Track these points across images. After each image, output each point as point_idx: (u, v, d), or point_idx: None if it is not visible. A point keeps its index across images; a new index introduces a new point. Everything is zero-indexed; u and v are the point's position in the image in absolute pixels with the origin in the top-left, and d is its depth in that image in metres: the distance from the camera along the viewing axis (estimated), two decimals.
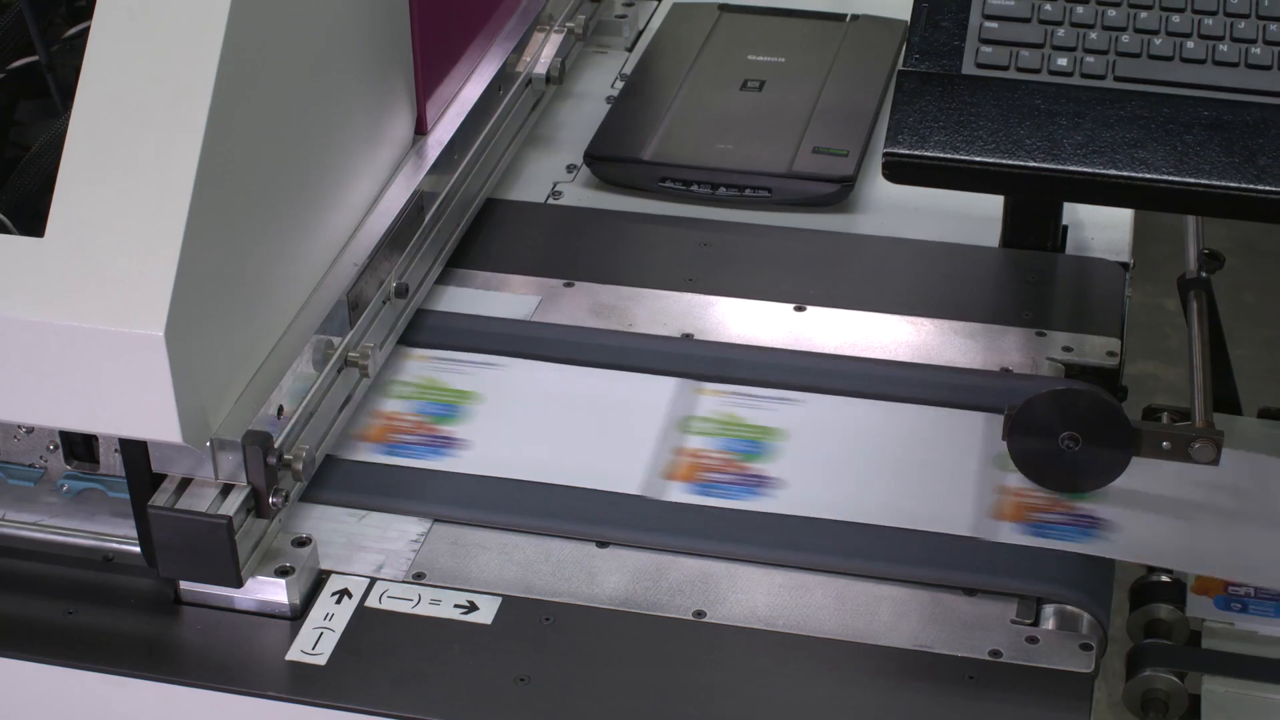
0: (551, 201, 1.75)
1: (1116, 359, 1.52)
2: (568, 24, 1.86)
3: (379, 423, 1.47)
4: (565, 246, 1.68)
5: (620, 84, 1.91)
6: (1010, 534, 1.34)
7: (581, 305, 1.60)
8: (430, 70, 1.59)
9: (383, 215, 1.50)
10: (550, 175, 1.79)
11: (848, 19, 1.96)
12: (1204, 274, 1.51)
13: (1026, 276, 1.62)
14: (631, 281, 1.63)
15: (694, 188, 1.73)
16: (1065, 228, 1.65)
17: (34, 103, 1.53)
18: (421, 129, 1.60)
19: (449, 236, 1.62)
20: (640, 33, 2.01)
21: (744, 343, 1.55)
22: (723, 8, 2.00)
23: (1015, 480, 1.39)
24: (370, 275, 1.45)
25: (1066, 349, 1.53)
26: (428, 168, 1.56)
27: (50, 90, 1.44)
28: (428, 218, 1.56)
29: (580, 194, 1.76)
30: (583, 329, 1.57)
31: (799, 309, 1.58)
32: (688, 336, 1.56)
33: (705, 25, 1.97)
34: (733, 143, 1.76)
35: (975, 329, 1.56)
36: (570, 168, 1.79)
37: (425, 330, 1.56)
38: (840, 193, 1.71)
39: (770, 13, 1.99)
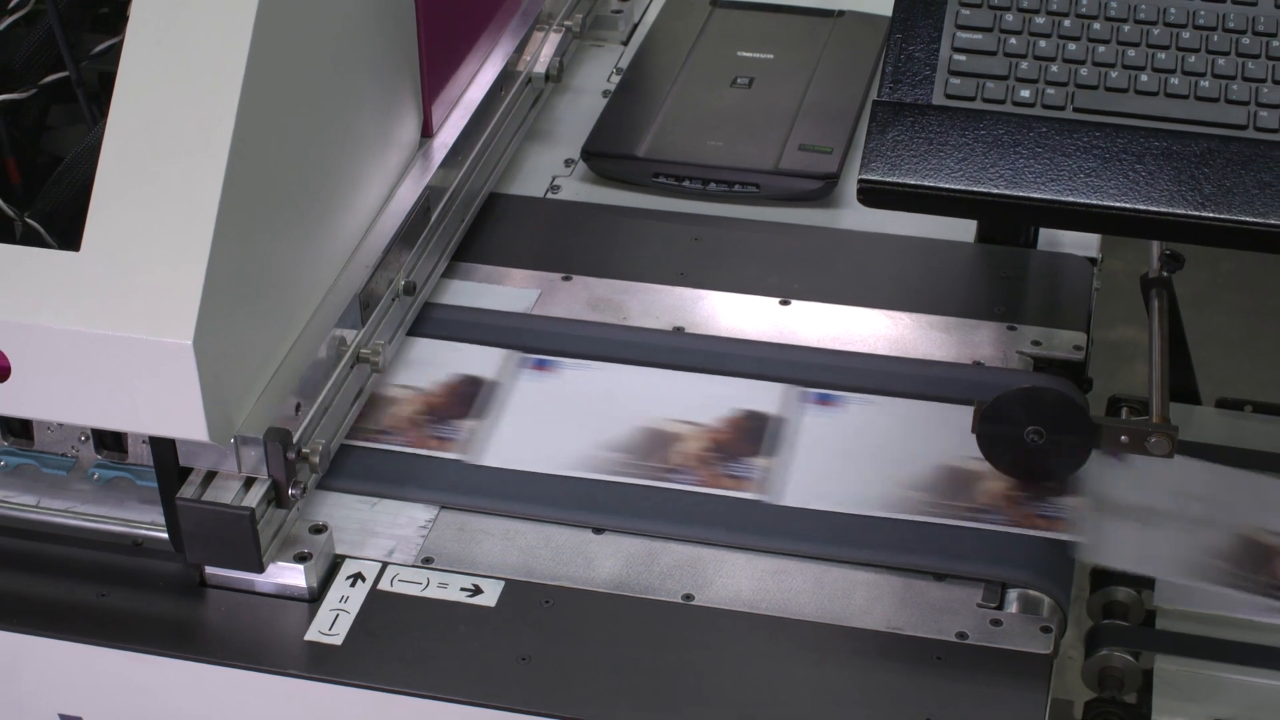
0: (550, 196, 1.83)
1: (1083, 353, 1.60)
2: (565, 22, 1.93)
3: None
4: (563, 241, 1.76)
5: (616, 78, 1.99)
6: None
7: (579, 298, 1.68)
8: (435, 74, 1.67)
9: (392, 216, 1.58)
10: (549, 169, 1.86)
11: (835, 15, 2.04)
12: (1165, 273, 1.59)
13: (999, 272, 1.69)
14: (626, 275, 1.70)
15: (686, 183, 1.81)
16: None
17: (63, 107, 1.61)
18: (427, 132, 1.67)
19: (454, 233, 1.70)
20: (635, 26, 2.08)
21: (732, 336, 1.63)
22: (714, 2, 2.07)
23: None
24: (380, 274, 1.53)
25: (1036, 343, 1.61)
26: (434, 170, 1.64)
27: (80, 103, 1.52)
28: (434, 217, 1.64)
29: (578, 188, 1.84)
30: (580, 322, 1.64)
31: (784, 303, 1.67)
32: (678, 329, 1.64)
33: (698, 20, 2.04)
34: (723, 140, 1.84)
35: (950, 323, 1.64)
36: (568, 162, 1.87)
37: (431, 323, 1.64)
38: (824, 189, 1.79)
39: (760, 8, 2.06)
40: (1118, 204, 1.30)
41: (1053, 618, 1.37)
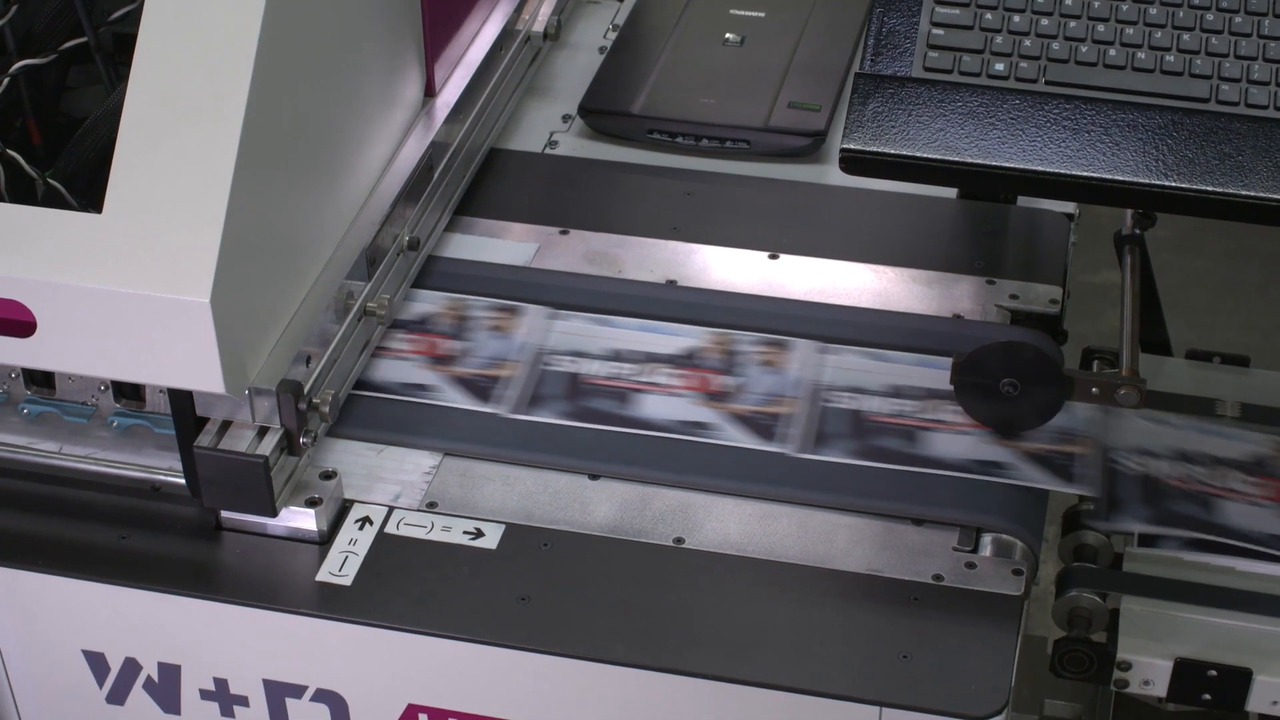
0: (548, 151, 1.89)
1: (1058, 306, 1.66)
2: None
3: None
4: (561, 195, 1.81)
5: (613, 34, 2.04)
6: None
7: (576, 251, 1.74)
8: (437, 35, 1.72)
9: (397, 174, 1.63)
10: (547, 125, 1.92)
11: None
12: (1138, 230, 1.65)
13: (980, 227, 1.75)
14: (621, 229, 1.76)
15: (679, 139, 1.87)
16: None
17: (81, 68, 1.66)
18: (430, 91, 1.73)
19: (456, 189, 1.75)
20: None
21: (722, 289, 1.69)
22: None
23: None
24: (386, 230, 1.59)
25: (1014, 296, 1.67)
26: (437, 128, 1.70)
27: (99, 67, 1.57)
28: (437, 174, 1.70)
29: (575, 144, 1.89)
30: (577, 275, 1.70)
31: (773, 257, 1.73)
32: (671, 283, 1.70)
33: None
34: (715, 97, 1.90)
35: (932, 277, 1.70)
36: (565, 118, 1.93)
37: (434, 276, 1.69)
38: (813, 145, 1.85)
39: None
40: (1086, 173, 1.36)
41: (1024, 561, 1.43)
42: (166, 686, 1.47)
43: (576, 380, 1.59)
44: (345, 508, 1.48)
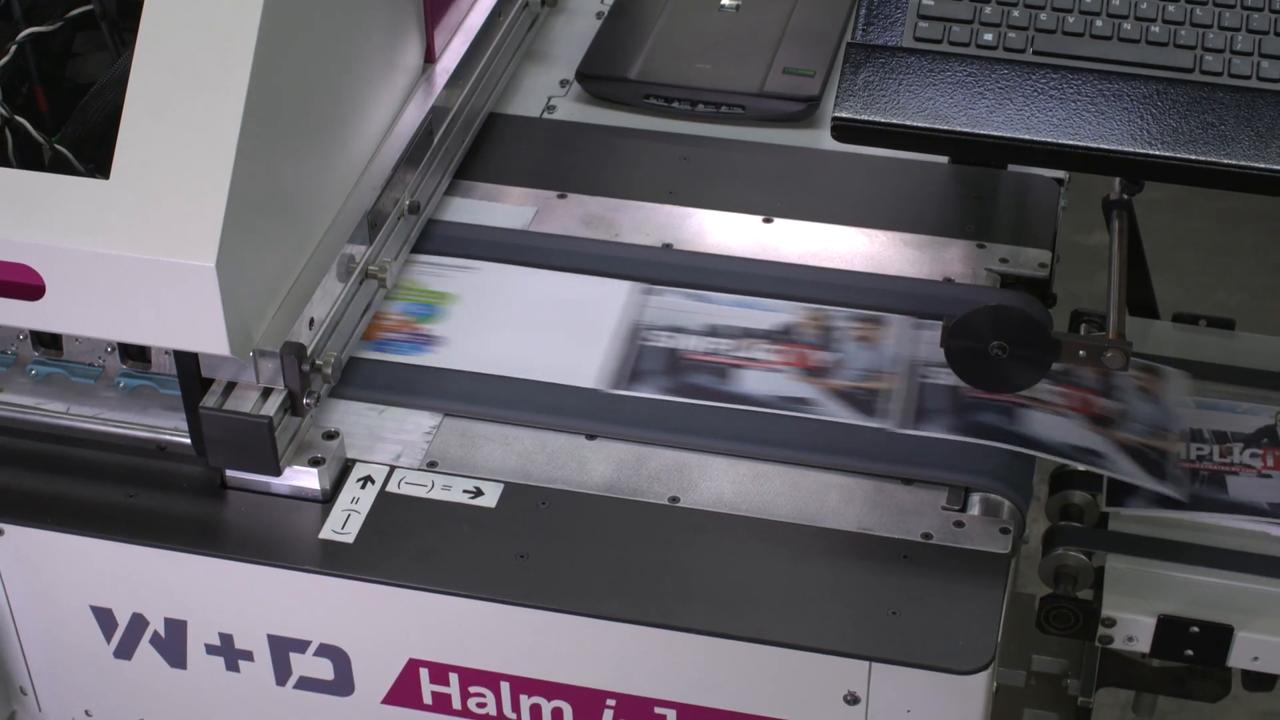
0: (546, 116, 1.91)
1: (1047, 270, 1.69)
2: None
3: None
4: (558, 160, 1.84)
5: (609, 0, 2.07)
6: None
7: (573, 215, 1.76)
8: (437, 2, 1.74)
9: (398, 139, 1.66)
10: (545, 90, 1.94)
11: None
12: (1125, 195, 1.68)
13: (971, 192, 1.78)
14: (618, 193, 1.78)
15: (675, 104, 1.90)
16: None
17: (86, 34, 1.69)
18: (430, 57, 1.76)
19: (455, 154, 1.78)
20: None
21: (717, 252, 1.72)
22: None
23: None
24: (387, 195, 1.61)
25: (1004, 260, 1.70)
26: (437, 93, 1.72)
27: (104, 34, 1.60)
28: (436, 139, 1.72)
29: (572, 108, 1.92)
30: (574, 239, 1.73)
31: (767, 221, 1.76)
32: (667, 246, 1.73)
33: None
34: (711, 63, 1.93)
35: (923, 241, 1.73)
36: (563, 82, 1.95)
37: (433, 239, 1.72)
38: (807, 110, 1.88)
39: None
40: (1072, 142, 1.39)
41: (1011, 520, 1.46)
42: (173, 641, 1.50)
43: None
44: (347, 467, 1.50)
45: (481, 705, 1.47)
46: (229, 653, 1.49)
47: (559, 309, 1.65)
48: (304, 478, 1.48)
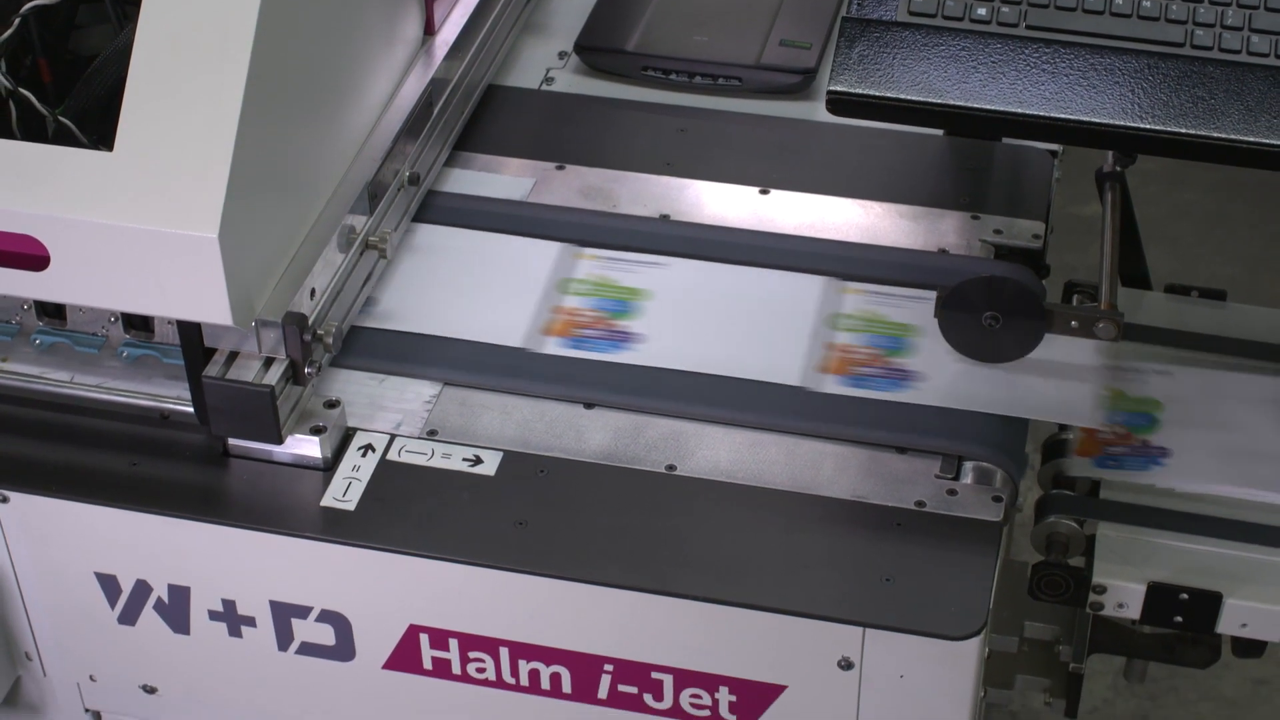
0: (545, 88, 1.92)
1: (1041, 241, 1.71)
2: None
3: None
4: (557, 131, 1.85)
5: None
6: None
7: (571, 186, 1.78)
8: None
9: (398, 111, 1.67)
10: (543, 62, 1.95)
11: None
12: (1118, 168, 1.69)
13: (965, 164, 1.79)
14: (616, 165, 1.80)
15: (672, 76, 1.91)
16: None
17: (89, 7, 1.70)
18: (430, 30, 1.77)
19: (455, 125, 1.79)
20: None
21: (714, 223, 1.73)
22: None
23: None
24: (387, 166, 1.62)
25: (998, 231, 1.71)
26: (436, 65, 1.74)
27: (107, 7, 1.61)
28: (436, 110, 1.74)
29: (570, 80, 1.93)
30: (572, 210, 1.74)
31: (764, 192, 1.77)
32: (665, 217, 1.75)
33: None
34: (708, 35, 1.94)
35: (918, 212, 1.74)
36: (561, 54, 1.96)
37: (434, 210, 1.74)
38: (803, 82, 1.89)
39: None
40: (1064, 115, 1.40)
41: (1004, 488, 1.48)
42: (176, 608, 1.52)
43: None
44: (348, 435, 1.52)
45: (481, 670, 1.49)
46: (231, 618, 1.51)
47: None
48: (305, 446, 1.49)
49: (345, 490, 1.47)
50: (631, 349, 1.59)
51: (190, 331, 1.47)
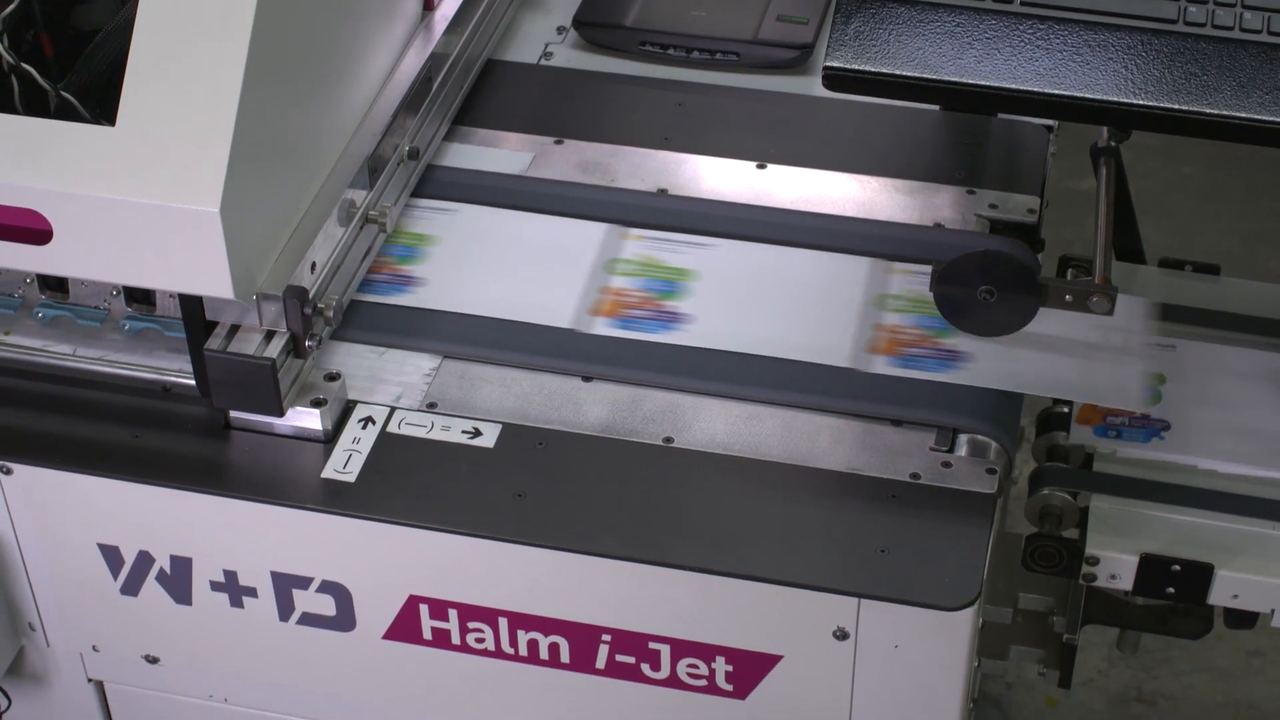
0: (543, 63, 1.93)
1: (1036, 216, 1.72)
2: None
3: None
4: (555, 106, 1.86)
5: None
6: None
7: (570, 161, 1.78)
8: None
9: (397, 86, 1.68)
10: (542, 36, 1.96)
11: None
12: (1113, 143, 1.70)
13: (961, 138, 1.80)
14: (614, 139, 1.81)
15: (670, 51, 1.92)
16: None
17: None
18: (429, 5, 1.77)
19: (454, 100, 1.80)
20: None
21: (712, 198, 1.74)
22: None
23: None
24: (387, 140, 1.63)
25: (993, 206, 1.72)
26: (436, 40, 1.75)
27: None
28: (435, 85, 1.74)
29: (569, 55, 1.94)
30: (571, 184, 1.75)
31: (760, 167, 1.78)
32: (662, 191, 1.76)
33: None
34: (706, 10, 1.94)
35: (914, 186, 1.75)
36: (560, 29, 1.97)
37: (433, 184, 1.74)
38: (800, 57, 1.90)
39: None
40: (1058, 91, 1.41)
41: (998, 461, 1.49)
42: (178, 578, 1.53)
43: None
44: (349, 408, 1.53)
45: (480, 640, 1.50)
46: (233, 589, 1.53)
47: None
48: (306, 418, 1.50)
49: (346, 462, 1.49)
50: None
51: (192, 305, 1.48)
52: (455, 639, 1.51)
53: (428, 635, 1.51)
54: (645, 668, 1.48)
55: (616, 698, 1.50)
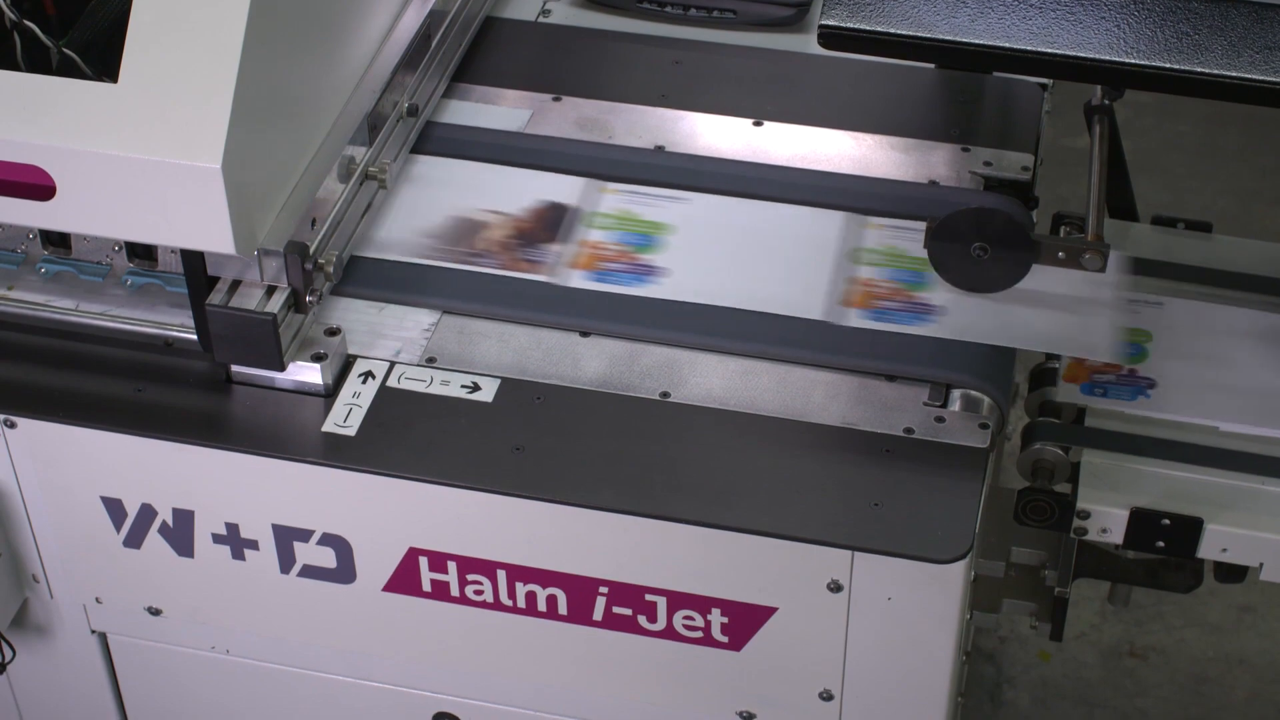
0: (542, 20, 1.94)
1: (1029, 173, 1.73)
2: None
3: None
4: (553, 63, 1.87)
5: None
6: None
7: (568, 118, 1.80)
8: None
9: (396, 43, 1.69)
10: None
11: None
12: (1106, 101, 1.71)
13: (957, 96, 1.81)
14: (612, 96, 1.82)
15: (668, 9, 1.92)
16: None
17: None
18: None
19: (453, 57, 1.81)
20: None
21: (708, 155, 1.75)
22: None
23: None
24: (386, 97, 1.65)
25: (987, 163, 1.74)
26: None
27: None
28: (434, 42, 1.75)
29: (567, 13, 1.95)
30: (569, 140, 1.76)
31: (757, 124, 1.79)
32: (660, 148, 1.77)
33: None
34: None
35: (909, 144, 1.76)
36: None
37: (432, 141, 1.76)
38: (796, 15, 1.91)
39: None
40: (1051, 50, 1.42)
41: (991, 416, 1.51)
42: (180, 531, 1.55)
43: None
44: (349, 363, 1.55)
45: (479, 593, 1.52)
46: (235, 542, 1.54)
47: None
48: (307, 373, 1.52)
49: (346, 416, 1.50)
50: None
51: (194, 260, 1.49)
52: (454, 591, 1.52)
53: (427, 587, 1.53)
54: (642, 619, 1.50)
55: (614, 649, 1.52)
